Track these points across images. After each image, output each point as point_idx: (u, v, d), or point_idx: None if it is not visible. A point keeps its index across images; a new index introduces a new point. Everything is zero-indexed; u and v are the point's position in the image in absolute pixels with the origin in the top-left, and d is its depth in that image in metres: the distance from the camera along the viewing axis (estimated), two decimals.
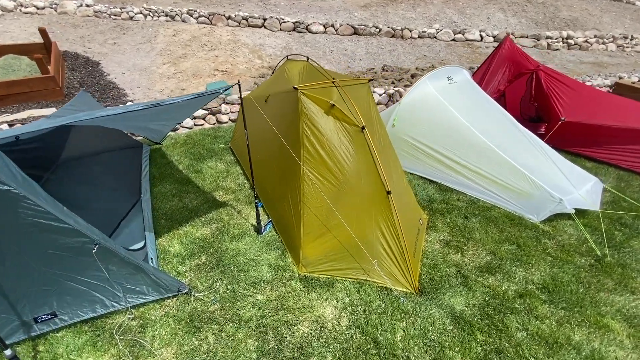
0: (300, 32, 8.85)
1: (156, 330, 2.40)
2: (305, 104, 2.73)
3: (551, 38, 9.86)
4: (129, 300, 2.38)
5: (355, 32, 9.22)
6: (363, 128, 2.70)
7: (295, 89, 2.76)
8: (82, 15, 8.07)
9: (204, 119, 5.59)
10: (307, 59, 3.74)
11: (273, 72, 4.12)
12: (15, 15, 7.65)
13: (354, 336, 2.41)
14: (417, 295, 2.69)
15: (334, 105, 2.69)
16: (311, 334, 2.41)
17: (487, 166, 3.92)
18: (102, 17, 8.13)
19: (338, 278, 2.79)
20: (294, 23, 8.75)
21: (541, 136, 4.90)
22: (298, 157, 2.78)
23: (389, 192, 2.67)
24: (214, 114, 5.64)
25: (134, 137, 4.82)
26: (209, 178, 4.13)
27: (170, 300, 2.57)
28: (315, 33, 8.93)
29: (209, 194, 3.83)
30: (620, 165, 4.91)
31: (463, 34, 9.65)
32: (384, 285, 2.72)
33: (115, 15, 8.14)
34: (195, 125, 5.54)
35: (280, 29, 8.75)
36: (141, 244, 2.80)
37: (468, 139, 4.03)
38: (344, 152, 2.75)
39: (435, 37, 9.56)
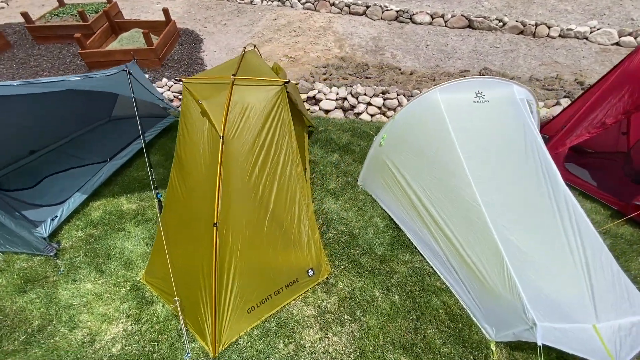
0: (403, 22, 8.24)
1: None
2: (185, 98, 2.76)
3: None
4: (7, 246, 3.04)
5: (470, 25, 7.97)
6: (222, 138, 2.53)
7: (180, 80, 2.80)
8: None
9: None
10: (254, 46, 3.65)
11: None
12: None
13: None
14: (214, 358, 2.48)
15: (201, 104, 2.62)
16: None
17: (464, 233, 2.94)
18: (230, 1, 9.45)
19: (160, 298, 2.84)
20: (397, 12, 8.20)
21: (635, 208, 3.45)
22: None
23: (215, 224, 2.47)
24: None
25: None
26: None
27: (37, 257, 3.16)
28: (419, 24, 8.15)
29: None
30: None
31: (636, 38, 7.11)
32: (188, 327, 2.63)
33: None
34: None
35: (382, 18, 8.35)
36: (60, 200, 3.45)
37: (457, 193, 2.98)
38: (201, 162, 2.66)
39: (585, 38, 7.37)
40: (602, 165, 4.53)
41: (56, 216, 3.41)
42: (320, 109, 5.83)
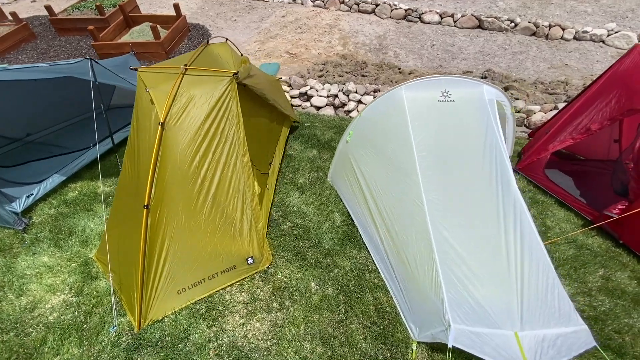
0: (411, 21, 8.13)
1: None
2: (139, 86, 2.92)
3: None
4: None
5: (480, 26, 7.76)
6: (161, 124, 2.67)
7: (135, 69, 2.97)
8: None
9: None
10: (226, 39, 3.75)
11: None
12: None
13: None
14: (137, 332, 2.63)
15: (148, 92, 2.77)
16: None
17: (405, 232, 2.90)
18: None
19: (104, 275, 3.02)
20: (405, 10, 8.11)
21: (613, 222, 3.34)
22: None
23: (146, 206, 2.60)
24: None
25: None
26: None
27: (7, 230, 3.43)
28: (428, 23, 8.02)
29: None
30: None
31: None
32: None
33: None
34: None
35: (390, 17, 8.29)
36: (38, 179, 3.72)
37: (405, 191, 2.96)
38: (147, 147, 2.77)
39: (602, 41, 6.99)
40: (587, 174, 4.32)
41: (32, 194, 3.69)
42: (311, 105, 5.90)
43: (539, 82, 6.25)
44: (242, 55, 4.15)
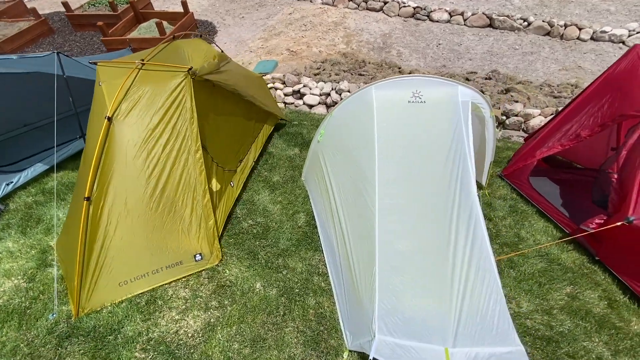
0: (419, 19, 7.92)
1: None
2: (97, 80, 2.99)
3: None
4: None
5: (491, 25, 7.44)
6: (108, 118, 2.72)
7: (94, 63, 3.04)
8: None
9: None
10: (200, 35, 3.77)
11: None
12: None
13: None
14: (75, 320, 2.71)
15: (100, 86, 2.83)
16: None
17: (356, 236, 2.83)
18: None
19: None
20: (414, 8, 7.90)
21: (590, 238, 3.15)
22: None
23: (87, 198, 2.66)
24: None
25: None
26: None
27: None
28: (437, 22, 7.78)
29: None
30: None
31: None
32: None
33: None
34: None
35: (398, 15, 8.10)
36: (21, 168, 3.90)
37: (361, 194, 2.86)
38: (95, 139, 2.81)
39: (622, 42, 6.53)
40: (579, 183, 4.04)
41: (12, 182, 3.87)
42: (304, 104, 5.86)
43: (546, 84, 5.92)
44: (222, 51, 4.18)
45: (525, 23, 7.18)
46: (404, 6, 8.01)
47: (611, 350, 2.50)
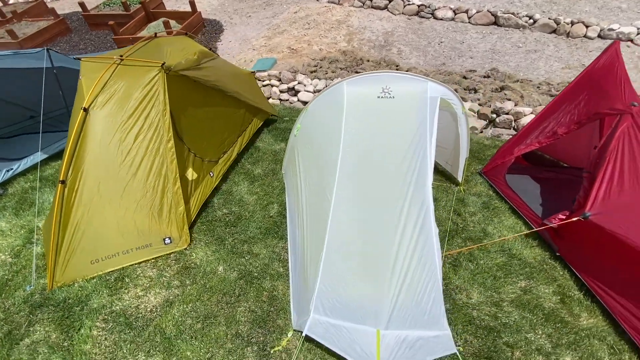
0: (424, 17, 7.97)
1: None
2: (80, 74, 3.30)
3: None
4: None
5: (495, 22, 7.41)
6: (84, 109, 3.01)
7: (78, 58, 3.35)
8: None
9: None
10: (186, 33, 4.02)
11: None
12: None
13: None
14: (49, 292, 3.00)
15: (80, 79, 3.13)
16: None
17: (313, 224, 3.02)
18: None
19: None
20: (418, 6, 7.97)
21: (554, 234, 3.22)
22: None
23: (62, 182, 2.95)
24: None
25: None
26: None
27: None
28: (441, 19, 7.81)
29: None
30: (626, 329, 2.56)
31: None
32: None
33: None
34: None
35: (403, 13, 8.18)
36: (21, 156, 4.29)
37: (323, 185, 3.03)
38: (73, 128, 3.10)
39: (630, 40, 6.38)
40: (560, 182, 4.05)
41: (12, 169, 4.27)
42: (298, 100, 6.07)
43: (545, 82, 5.88)
44: (210, 49, 4.45)
45: (531, 21, 7.13)
46: (409, 4, 8.08)
47: (553, 343, 2.56)
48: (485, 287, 2.94)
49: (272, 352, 2.53)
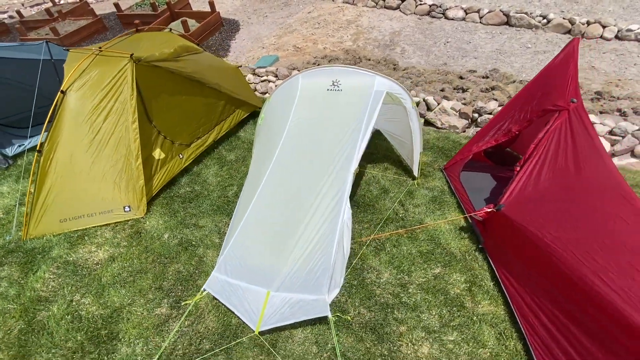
0: (435, 16, 8.17)
1: None
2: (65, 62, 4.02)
3: None
4: None
5: (507, 22, 7.44)
6: (62, 91, 3.70)
7: (67, 49, 4.06)
8: None
9: None
10: (170, 29, 4.64)
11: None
12: None
13: None
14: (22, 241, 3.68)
15: (64, 67, 3.84)
16: None
17: (246, 201, 3.43)
18: None
19: None
20: (430, 6, 8.18)
21: (482, 227, 3.52)
22: None
23: (38, 151, 3.64)
24: None
25: None
26: None
27: None
28: (452, 19, 7.97)
29: None
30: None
31: None
32: None
33: None
34: None
35: (414, 13, 8.42)
36: (32, 133, 5.13)
37: (262, 169, 3.47)
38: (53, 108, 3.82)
39: None
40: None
41: (23, 144, 5.15)
42: None
43: None
44: (198, 45, 5.06)
45: (545, 20, 7.09)
46: (420, 4, 8.32)
47: (441, 323, 2.79)
48: (400, 270, 3.20)
49: (182, 304, 3.00)
